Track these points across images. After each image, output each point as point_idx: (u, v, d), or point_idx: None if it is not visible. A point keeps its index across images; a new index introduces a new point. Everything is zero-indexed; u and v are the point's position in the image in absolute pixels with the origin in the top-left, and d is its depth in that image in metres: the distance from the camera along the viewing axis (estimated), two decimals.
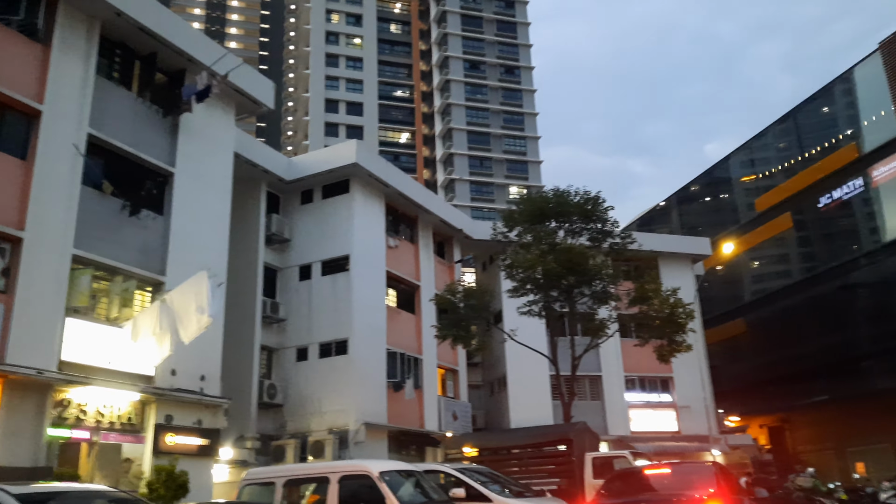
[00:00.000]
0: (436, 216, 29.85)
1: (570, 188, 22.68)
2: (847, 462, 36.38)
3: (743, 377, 41.61)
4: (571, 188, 22.67)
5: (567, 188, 22.75)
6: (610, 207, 22.42)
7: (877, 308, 34.82)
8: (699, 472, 9.36)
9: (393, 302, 27.75)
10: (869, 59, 34.72)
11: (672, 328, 21.55)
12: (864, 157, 34.72)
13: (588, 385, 32.22)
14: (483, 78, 70.99)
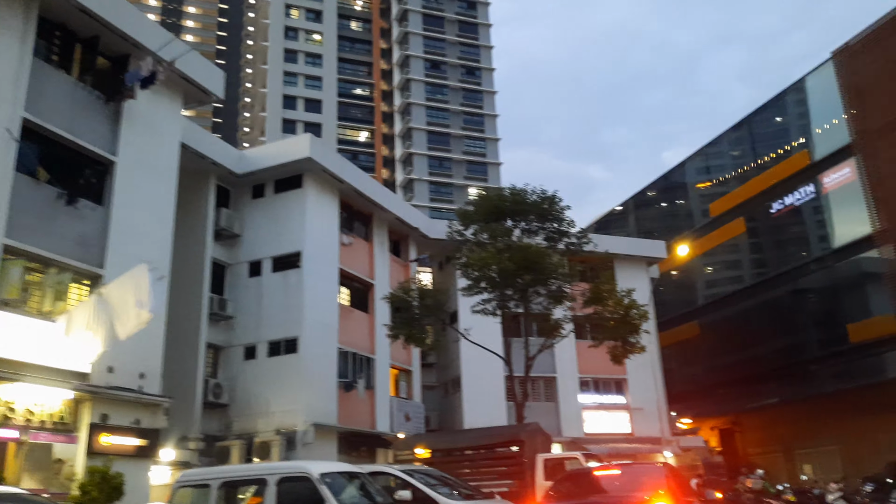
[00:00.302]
0: (391, 214, 29.38)
1: (528, 186, 22.49)
2: (795, 464, 36.96)
3: (695, 380, 42.02)
4: (528, 186, 22.48)
5: (524, 187, 22.54)
6: (566, 207, 22.27)
7: (825, 313, 35.44)
8: (649, 473, 9.11)
9: (346, 300, 27.19)
10: (821, 68, 35.31)
11: (626, 329, 21.46)
12: (815, 164, 35.28)
13: (543, 386, 32.09)
14: (444, 78, 70.71)
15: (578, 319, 23.76)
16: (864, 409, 33.48)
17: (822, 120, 35.41)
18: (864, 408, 33.49)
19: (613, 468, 9.35)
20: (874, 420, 32.62)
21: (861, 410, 33.62)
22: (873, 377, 32.16)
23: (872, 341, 31.67)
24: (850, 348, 32.86)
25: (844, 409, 34.28)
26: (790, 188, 36.56)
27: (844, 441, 34.28)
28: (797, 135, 37.39)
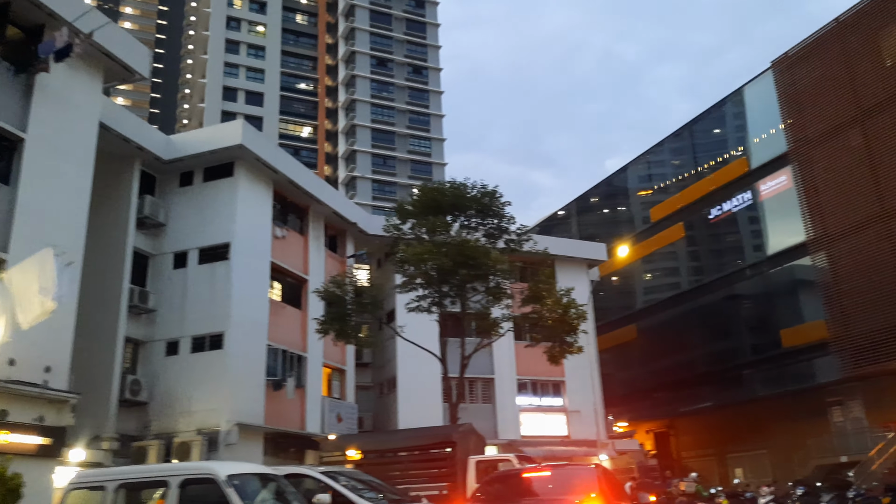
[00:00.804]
0: (328, 207, 28.40)
1: (468, 181, 21.86)
2: (727, 467, 37.35)
3: (633, 383, 42.17)
4: (469, 181, 21.85)
5: (464, 181, 21.90)
6: (507, 203, 21.71)
7: (759, 318, 35.94)
8: (580, 475, 8.54)
9: (277, 295, 26.10)
10: (760, 77, 35.82)
11: (564, 329, 21.02)
12: (752, 171, 35.77)
13: (480, 388, 31.54)
14: (390, 76, 69.81)
15: (517, 320, 23.17)
16: (794, 414, 34.04)
17: (760, 128, 35.94)
18: (794, 412, 34.05)
19: (544, 470, 8.75)
20: (803, 424, 33.18)
21: (791, 415, 34.17)
22: (803, 382, 32.71)
23: (803, 347, 32.20)
24: (782, 353, 33.36)
25: (775, 414, 34.80)
26: (728, 195, 37.01)
27: (775, 445, 34.78)
28: (736, 143, 37.91)
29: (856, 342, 29.18)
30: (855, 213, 29.87)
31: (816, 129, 31.92)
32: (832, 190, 31.00)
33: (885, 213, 28.84)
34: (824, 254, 31.02)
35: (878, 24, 29.99)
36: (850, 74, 30.69)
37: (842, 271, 30.27)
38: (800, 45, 33.27)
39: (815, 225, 31.59)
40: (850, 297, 29.78)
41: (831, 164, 31.17)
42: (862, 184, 29.74)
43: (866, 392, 31.20)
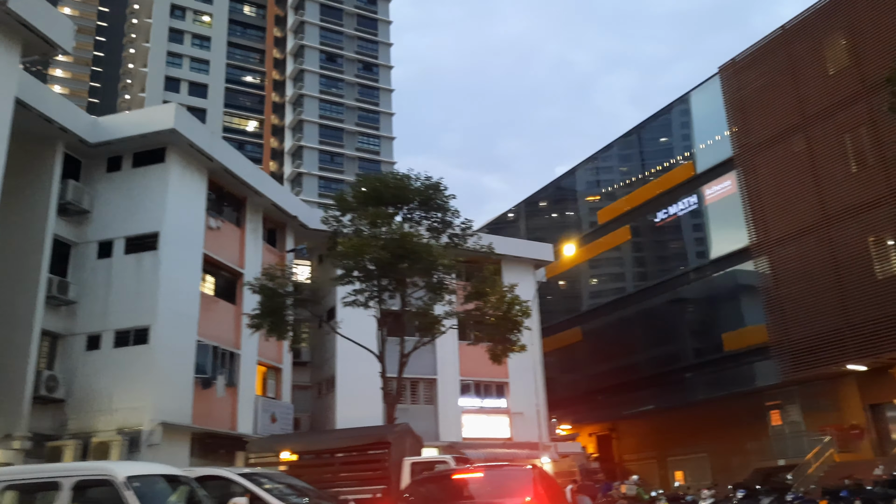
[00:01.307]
0: (267, 199, 27.29)
1: (412, 172, 21.09)
2: (668, 470, 37.38)
3: (577, 386, 42.00)
4: (413, 172, 21.09)
5: (408, 171, 21.11)
6: (451, 196, 20.99)
7: (701, 322, 36.07)
8: (516, 477, 7.86)
9: (210, 289, 24.90)
10: (707, 83, 36.01)
11: (507, 326, 20.39)
12: (698, 176, 35.91)
13: (422, 388, 30.79)
14: (340, 72, 68.66)
15: (462, 320, 22.27)
16: (734, 417, 34.20)
17: (706, 133, 36.11)
18: (734, 416, 34.22)
19: (476, 471, 8.05)
20: (743, 428, 33.35)
21: (731, 418, 34.32)
22: (743, 386, 32.88)
23: (744, 350, 32.37)
24: (724, 357, 33.50)
25: (715, 417, 34.92)
26: (674, 199, 37.10)
27: (714, 448, 34.91)
28: (683, 147, 38.04)
29: (795, 346, 29.42)
30: (797, 219, 30.12)
31: (761, 134, 32.16)
32: (775, 195, 31.24)
33: (826, 220, 29.12)
34: (766, 259, 31.23)
35: (822, 33, 30.36)
36: (794, 82, 31.00)
37: (782, 276, 30.50)
38: (746, 52, 33.52)
39: (758, 230, 31.80)
40: (790, 302, 30.02)
41: (775, 169, 31.42)
42: (804, 190, 30.02)
43: (804, 396, 31.53)
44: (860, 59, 28.66)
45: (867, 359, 27.29)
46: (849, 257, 28.14)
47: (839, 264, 28.45)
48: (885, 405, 29.21)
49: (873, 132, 28.03)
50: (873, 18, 28.33)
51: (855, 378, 29.60)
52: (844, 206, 28.48)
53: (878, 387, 28.86)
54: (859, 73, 28.63)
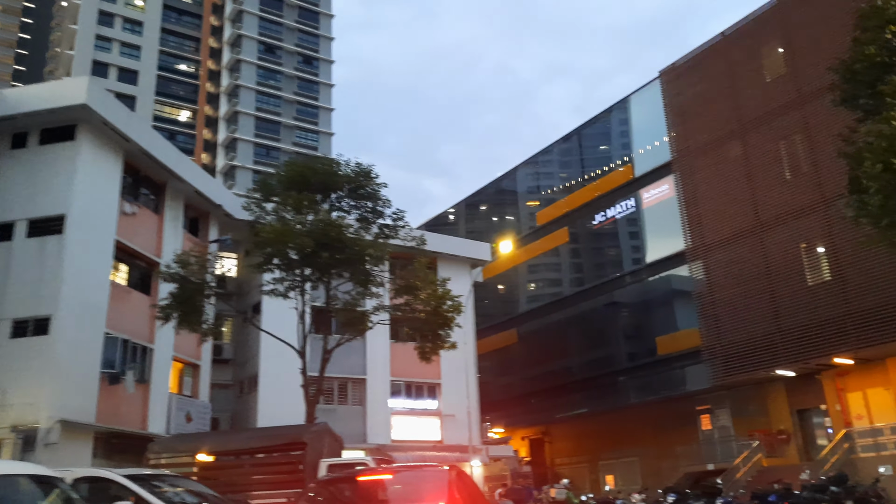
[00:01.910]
0: (190, 186, 25.73)
1: (340, 157, 19.94)
2: (599, 474, 37.12)
3: (511, 388, 41.45)
4: (342, 157, 19.95)
5: (337, 156, 19.96)
6: (383, 185, 19.93)
7: (636, 326, 35.97)
8: (430, 479, 6.94)
9: (122, 278, 23.24)
10: (648, 87, 35.98)
11: (437, 322, 19.42)
12: (636, 179, 35.82)
13: (351, 388, 29.59)
14: (278, 64, 66.82)
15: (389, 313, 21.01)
16: (665, 421, 34.17)
17: (645, 137, 36.07)
18: (666, 420, 34.18)
19: (386, 472, 7.09)
20: (674, 432, 33.31)
21: (662, 422, 34.27)
22: (675, 390, 32.84)
23: (677, 354, 32.32)
24: (657, 361, 33.42)
25: (647, 421, 34.84)
26: (612, 201, 36.94)
27: (645, 452, 34.80)
28: (622, 150, 37.95)
29: (727, 351, 29.45)
30: (731, 225, 30.20)
31: (699, 140, 32.20)
32: (711, 200, 31.29)
33: (760, 226, 29.25)
34: (701, 263, 31.23)
35: (760, 42, 30.57)
36: (732, 88, 31.13)
37: (716, 281, 30.53)
38: (686, 58, 33.58)
39: (693, 234, 31.80)
40: (723, 307, 30.06)
41: (711, 175, 31.48)
42: (739, 196, 30.12)
43: (734, 401, 31.64)
44: (796, 67, 28.92)
45: (796, 364, 27.46)
46: (781, 263, 28.31)
47: (771, 270, 28.59)
48: (811, 410, 29.50)
49: (807, 140, 28.28)
50: (808, 29, 28.62)
51: (783, 383, 29.82)
52: (778, 213, 28.66)
53: (805, 392, 29.13)
54: (795, 81, 28.88)
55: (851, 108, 13.19)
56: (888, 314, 24.62)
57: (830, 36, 27.75)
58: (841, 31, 27.56)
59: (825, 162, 27.40)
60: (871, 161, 9.43)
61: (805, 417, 29.83)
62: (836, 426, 27.75)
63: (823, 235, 27.31)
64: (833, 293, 26.53)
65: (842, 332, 25.86)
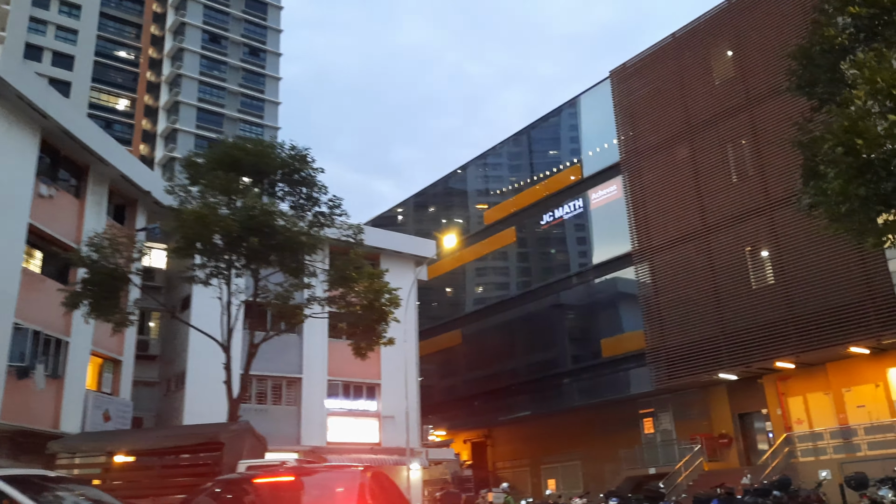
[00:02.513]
0: (115, 170, 24.11)
1: (274, 139, 18.64)
2: (541, 478, 36.54)
3: (454, 390, 40.63)
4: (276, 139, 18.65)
5: (271, 139, 18.64)
6: (320, 170, 18.76)
7: (582, 327, 35.55)
8: (340, 482, 5.96)
9: (37, 266, 21.56)
10: (598, 87, 35.64)
11: (374, 316, 18.33)
12: (585, 179, 35.41)
13: (285, 388, 28.25)
14: (223, 54, 64.87)
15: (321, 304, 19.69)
16: (608, 425, 33.85)
17: (595, 137, 35.70)
18: (608, 423, 33.87)
19: (287, 474, 6.09)
20: (616, 435, 32.98)
21: (605, 425, 33.95)
22: (618, 393, 32.50)
23: (621, 357, 31.98)
24: (601, 363, 33.02)
25: (590, 424, 34.45)
26: (561, 201, 36.45)
27: (587, 455, 34.41)
28: (571, 150, 37.52)
29: (670, 354, 29.21)
30: (678, 227, 30.01)
31: (648, 141, 31.97)
32: (658, 202, 31.07)
33: (706, 229, 29.11)
34: (647, 265, 30.96)
35: (710, 44, 30.50)
36: (682, 90, 30.98)
37: (662, 283, 30.29)
38: (637, 58, 33.34)
39: (640, 236, 31.53)
40: (667, 309, 29.83)
41: (659, 176, 31.26)
42: (686, 198, 29.95)
43: (676, 404, 31.46)
44: (745, 71, 28.88)
45: (739, 368, 27.34)
46: (726, 266, 28.21)
47: (717, 273, 28.46)
48: (752, 414, 29.46)
49: (754, 144, 28.26)
50: (757, 33, 28.64)
51: (726, 387, 29.74)
52: (724, 216, 28.56)
53: (747, 396, 29.08)
54: (744, 84, 28.84)
55: (807, 95, 12.78)
56: (829, 319, 24.64)
57: (780, 40, 27.78)
58: (790, 36, 27.84)
59: (771, 166, 27.42)
60: (832, 143, 8.90)
61: (746, 421, 29.78)
62: (776, 430, 27.72)
63: (768, 239, 27.27)
64: (776, 297, 26.48)
65: (784, 335, 25.82)
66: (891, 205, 9.14)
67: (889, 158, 8.49)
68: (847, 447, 24.83)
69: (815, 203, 10.00)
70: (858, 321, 23.95)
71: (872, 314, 23.64)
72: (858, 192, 8.86)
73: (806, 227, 26.11)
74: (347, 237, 18.57)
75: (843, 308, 24.38)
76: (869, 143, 8.27)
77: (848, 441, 24.94)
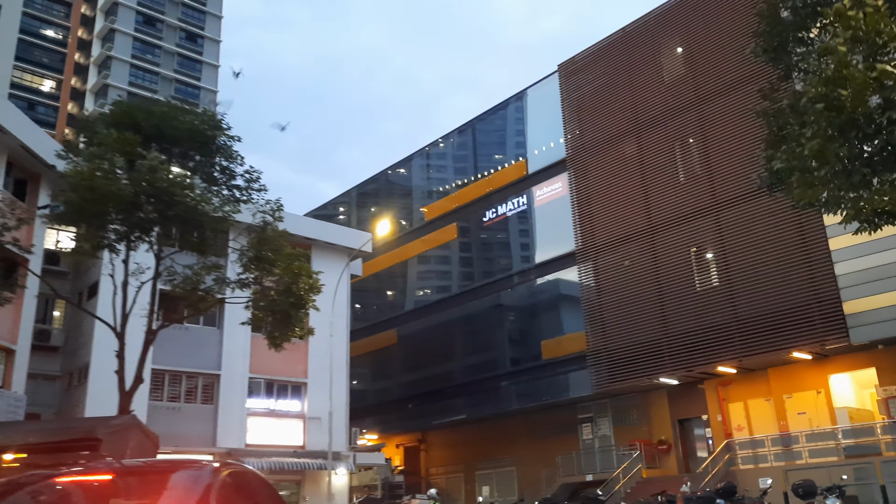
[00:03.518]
0: (14, 139, 21.72)
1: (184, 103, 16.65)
2: (475, 484, 35.15)
3: (389, 392, 38.94)
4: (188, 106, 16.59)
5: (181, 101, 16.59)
6: (236, 139, 16.80)
7: (522, 328, 34.33)
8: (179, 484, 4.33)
9: None
10: (545, 81, 34.56)
11: (291, 302, 16.43)
12: (529, 176, 34.27)
13: (201, 384, 26.08)
14: (158, 37, 61.88)
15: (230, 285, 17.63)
16: (545, 429, 32.77)
17: (541, 132, 34.59)
18: (546, 428, 32.79)
19: (103, 473, 4.42)
20: (553, 440, 31.92)
21: (542, 430, 32.88)
22: (557, 396, 31.36)
23: (561, 359, 30.88)
24: (540, 366, 31.84)
25: (527, 429, 33.32)
26: (504, 198, 35.20)
27: (522, 461, 33.25)
28: (517, 145, 36.32)
29: (612, 357, 28.26)
30: (623, 226, 29.14)
31: (595, 137, 31.05)
32: (604, 200, 30.16)
33: (651, 228, 28.30)
34: (590, 265, 29.97)
35: (660, 41, 29.78)
36: (631, 86, 30.17)
37: (605, 283, 29.35)
38: (586, 52, 32.41)
39: (584, 235, 30.55)
40: (610, 311, 28.90)
41: (606, 174, 30.36)
42: (632, 197, 29.12)
43: (616, 409, 30.56)
44: (695, 69, 28.21)
45: (680, 372, 26.54)
46: (671, 267, 27.41)
47: (661, 274, 27.64)
48: (692, 420, 28.75)
49: (702, 143, 27.56)
50: (707, 30, 28.02)
51: (666, 392, 28.97)
52: (670, 216, 27.78)
53: (687, 402, 28.37)
54: (694, 83, 28.15)
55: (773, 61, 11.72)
56: (773, 323, 24.00)
57: (730, 39, 27.22)
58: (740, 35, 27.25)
59: (719, 166, 26.75)
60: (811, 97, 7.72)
61: (686, 427, 29.04)
62: (716, 437, 26.98)
63: (714, 240, 26.55)
64: (721, 300, 25.77)
65: (728, 339, 25.10)
66: (875, 168, 8.06)
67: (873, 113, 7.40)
68: (788, 455, 24.16)
69: (786, 169, 8.83)
70: (803, 326, 23.34)
71: (818, 318, 23.05)
72: (840, 153, 7.75)
73: (752, 228, 25.53)
74: (265, 214, 16.62)
75: (788, 312, 23.77)
76: (856, 94, 7.15)
77: (788, 448, 24.27)
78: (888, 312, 21.51)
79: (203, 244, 15.69)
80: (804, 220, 24.03)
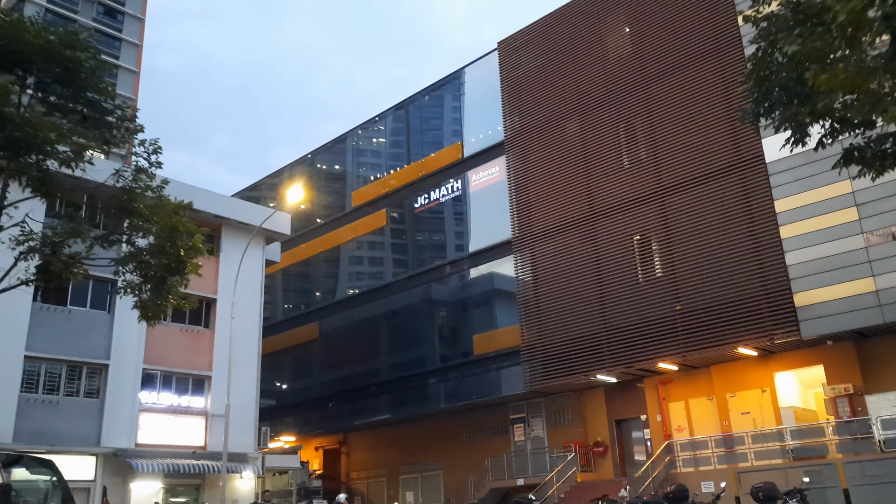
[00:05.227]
0: None
1: (41, 18, 13.39)
2: (399, 489, 32.71)
3: (308, 390, 36.08)
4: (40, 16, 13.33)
5: (35, 18, 13.28)
6: (111, 68, 13.82)
7: (454, 321, 32.08)
8: None
9: None
10: (484, 59, 32.53)
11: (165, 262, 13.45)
12: (465, 160, 32.13)
13: (86, 375, 22.78)
14: (73, 10, 57.24)
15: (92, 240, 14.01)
16: (474, 431, 30.74)
17: (479, 113, 32.48)
18: (475, 429, 30.77)
19: None
20: (482, 443, 29.90)
21: (471, 432, 30.83)
22: (487, 395, 29.27)
23: (493, 355, 28.81)
24: (471, 362, 29.69)
25: (455, 430, 31.21)
26: (438, 182, 32.95)
27: (450, 464, 31.06)
28: (453, 126, 34.10)
29: (547, 352, 26.34)
30: (562, 213, 27.31)
31: (535, 118, 29.16)
32: (543, 186, 28.27)
33: (592, 215, 26.54)
34: (527, 253, 28.00)
35: (605, 17, 28.11)
36: (574, 66, 28.41)
37: (542, 274, 27.42)
38: (528, 30, 30.52)
39: (521, 222, 28.58)
40: (546, 303, 26.98)
41: (545, 157, 28.46)
42: (573, 182, 27.35)
43: (550, 409, 28.72)
44: (642, 48, 26.60)
45: (619, 368, 24.77)
46: (612, 257, 25.65)
47: (601, 264, 25.85)
48: (630, 421, 27.08)
49: (648, 127, 25.93)
50: (655, 5, 26.48)
51: (603, 391, 27.25)
52: (612, 202, 26.07)
53: (625, 401, 26.75)
54: (640, 62, 26.53)
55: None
56: (720, 315, 22.48)
57: (678, 16, 25.78)
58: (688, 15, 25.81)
59: (666, 149, 25.17)
60: None
61: (624, 428, 27.33)
62: (655, 438, 25.32)
63: (658, 228, 24.91)
64: (664, 291, 24.15)
65: (671, 333, 23.46)
66: None
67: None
68: (732, 457, 22.57)
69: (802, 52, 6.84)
70: (752, 318, 21.85)
71: (767, 311, 21.57)
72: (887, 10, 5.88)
73: (700, 215, 23.97)
74: (139, 156, 13.67)
75: (736, 304, 22.27)
76: None
77: (732, 450, 22.69)
78: (841, 305, 20.15)
79: (42, 179, 12.29)
80: (754, 206, 22.61)
